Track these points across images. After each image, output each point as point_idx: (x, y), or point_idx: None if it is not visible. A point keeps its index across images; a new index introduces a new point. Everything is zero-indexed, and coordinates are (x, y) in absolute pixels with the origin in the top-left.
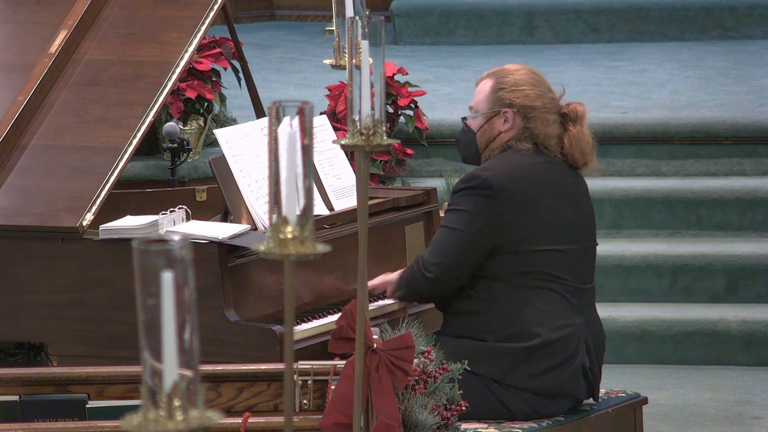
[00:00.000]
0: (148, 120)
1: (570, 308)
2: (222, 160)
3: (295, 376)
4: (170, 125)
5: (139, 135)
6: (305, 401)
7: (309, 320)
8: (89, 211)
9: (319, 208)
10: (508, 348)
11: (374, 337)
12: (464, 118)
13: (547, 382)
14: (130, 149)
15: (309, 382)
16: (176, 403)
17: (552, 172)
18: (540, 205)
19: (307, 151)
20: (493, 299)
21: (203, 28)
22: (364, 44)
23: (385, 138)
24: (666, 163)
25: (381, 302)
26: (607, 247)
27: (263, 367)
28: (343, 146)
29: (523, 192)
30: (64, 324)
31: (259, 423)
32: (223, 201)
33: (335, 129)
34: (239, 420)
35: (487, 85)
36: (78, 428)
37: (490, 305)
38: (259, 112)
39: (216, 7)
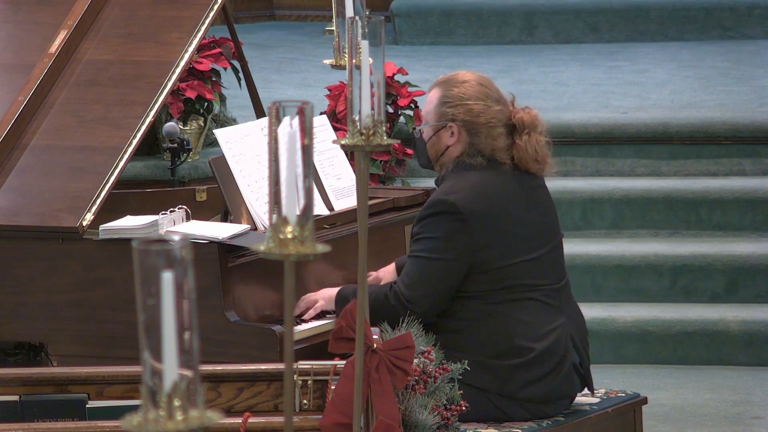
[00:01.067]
0: (148, 120)
1: (552, 311)
2: (222, 160)
3: (295, 376)
4: (170, 125)
5: (139, 135)
6: (305, 401)
7: (309, 320)
8: (89, 211)
9: (319, 208)
10: (500, 364)
11: (374, 337)
12: (415, 128)
13: (543, 388)
14: (130, 149)
15: (309, 382)
16: (176, 403)
17: (510, 182)
18: (507, 218)
19: (307, 151)
20: (475, 318)
21: (203, 28)
22: (364, 44)
23: (385, 138)
24: (666, 163)
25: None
26: (607, 247)
27: (263, 367)
28: (343, 146)
29: (490, 209)
30: (64, 324)
31: (259, 423)
32: (223, 201)
33: (335, 129)
34: (239, 420)
35: (435, 96)
36: (78, 428)
37: (472, 324)
38: (259, 112)
39: (216, 7)
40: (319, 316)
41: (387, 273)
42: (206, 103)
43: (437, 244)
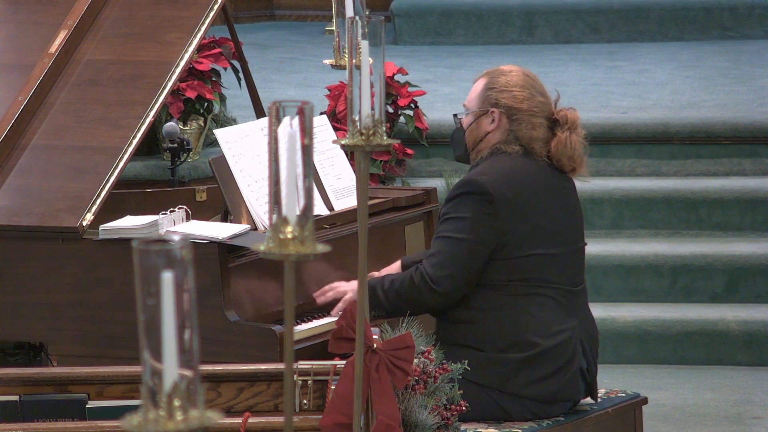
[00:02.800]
0: (148, 120)
1: (564, 312)
2: (222, 160)
3: (295, 376)
4: (170, 125)
5: (139, 135)
6: (305, 401)
7: (309, 320)
8: (89, 211)
9: (319, 208)
10: (506, 358)
11: (374, 337)
12: (455, 115)
13: (547, 388)
14: (130, 149)
15: (309, 382)
16: (176, 403)
17: (542, 175)
18: (534, 209)
19: (307, 151)
20: (489, 308)
21: (203, 28)
22: (364, 44)
23: (385, 138)
24: (666, 163)
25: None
26: (607, 247)
27: (263, 367)
28: (343, 146)
29: (518, 196)
30: (64, 324)
31: (259, 423)
32: (223, 201)
33: (335, 129)
34: (239, 420)
35: (480, 84)
36: (78, 428)
37: (486, 314)
38: (259, 112)
39: (216, 7)
40: (319, 316)
41: (390, 271)
42: (206, 103)
43: (464, 224)
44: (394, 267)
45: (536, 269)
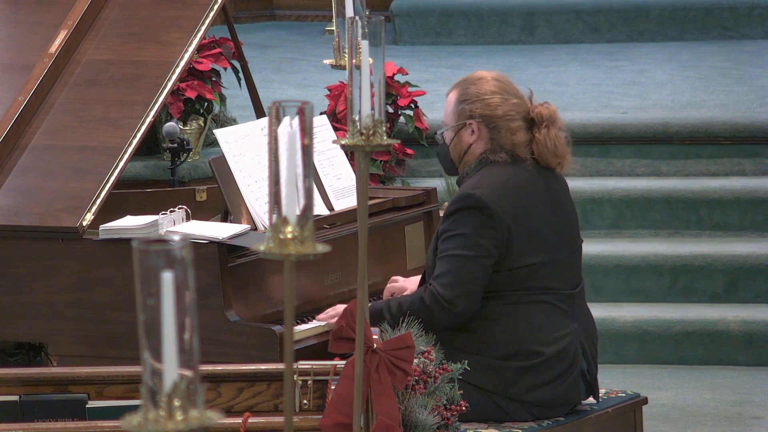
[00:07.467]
0: (148, 120)
1: (564, 316)
2: (222, 160)
3: (295, 376)
4: (170, 125)
5: (139, 135)
6: (305, 401)
7: (309, 320)
8: (89, 211)
9: (319, 208)
10: (507, 365)
11: (374, 337)
12: (437, 133)
13: (549, 393)
14: (130, 149)
15: (309, 382)
16: (176, 403)
17: (534, 180)
18: (530, 217)
19: (307, 151)
20: (489, 317)
21: (203, 28)
22: (364, 44)
23: (385, 138)
24: (666, 163)
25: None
26: (607, 247)
27: (263, 367)
28: (343, 146)
29: (514, 207)
30: (64, 324)
31: (259, 423)
32: (223, 201)
33: (335, 129)
34: (239, 420)
35: (452, 98)
36: (78, 428)
37: (486, 324)
38: (259, 112)
39: (216, 7)
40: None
41: (413, 283)
42: (206, 103)
43: (467, 241)
44: (416, 279)
45: (536, 278)
